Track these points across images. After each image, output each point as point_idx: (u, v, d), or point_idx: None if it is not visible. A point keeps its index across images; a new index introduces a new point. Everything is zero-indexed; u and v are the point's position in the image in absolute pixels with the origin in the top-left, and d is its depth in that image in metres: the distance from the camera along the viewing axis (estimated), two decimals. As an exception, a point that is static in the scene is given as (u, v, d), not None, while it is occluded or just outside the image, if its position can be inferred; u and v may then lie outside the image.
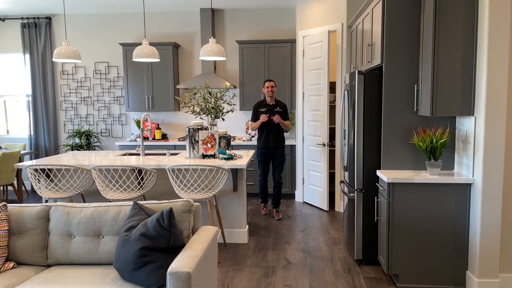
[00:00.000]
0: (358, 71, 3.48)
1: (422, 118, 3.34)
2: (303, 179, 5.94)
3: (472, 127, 3.04)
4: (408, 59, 3.32)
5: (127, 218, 2.46)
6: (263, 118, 4.93)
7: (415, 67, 3.32)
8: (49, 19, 6.72)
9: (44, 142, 6.92)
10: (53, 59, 4.40)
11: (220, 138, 4.32)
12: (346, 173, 4.00)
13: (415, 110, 3.33)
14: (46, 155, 6.92)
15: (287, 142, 6.04)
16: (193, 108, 4.62)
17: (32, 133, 6.91)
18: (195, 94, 4.80)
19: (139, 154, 4.76)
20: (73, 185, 3.92)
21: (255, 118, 5.13)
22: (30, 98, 6.83)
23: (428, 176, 3.13)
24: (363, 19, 4.17)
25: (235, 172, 4.09)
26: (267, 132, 5.06)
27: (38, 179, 3.90)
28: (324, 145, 5.42)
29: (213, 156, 4.23)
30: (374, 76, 3.47)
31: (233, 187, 4.16)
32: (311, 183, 5.79)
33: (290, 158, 6.08)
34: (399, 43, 3.31)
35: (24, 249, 2.54)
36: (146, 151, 4.86)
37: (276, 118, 4.93)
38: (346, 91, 3.87)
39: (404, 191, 3.13)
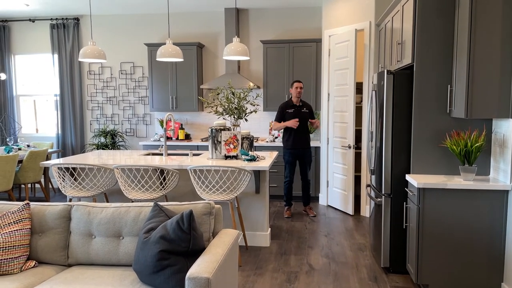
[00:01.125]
0: (387, 71, 3.34)
1: (455, 120, 3.17)
2: (327, 181, 5.80)
3: (510, 130, 2.85)
4: (440, 58, 3.15)
5: (147, 219, 2.42)
6: (293, 124, 4.98)
7: (448, 66, 3.15)
8: (77, 20, 6.84)
9: (71, 141, 7.05)
10: (79, 59, 4.43)
11: (243, 139, 4.25)
12: (373, 176, 3.85)
13: (448, 111, 3.16)
14: (73, 154, 7.04)
15: (311, 144, 5.92)
16: (216, 108, 4.58)
17: (59, 132, 7.04)
18: (218, 94, 4.75)
19: (162, 154, 4.75)
20: (96, 184, 3.93)
21: (280, 118, 5.17)
22: (58, 98, 6.97)
23: (462, 181, 2.96)
24: (392, 17, 4.01)
25: (257, 173, 4.01)
26: (295, 132, 5.11)
27: (62, 177, 3.94)
28: (350, 147, 5.27)
29: (236, 157, 4.16)
30: (404, 75, 3.32)
31: (256, 189, 4.08)
32: (335, 186, 5.64)
33: (315, 160, 5.95)
34: (431, 41, 3.14)
35: (45, 248, 2.54)
36: (169, 151, 4.85)
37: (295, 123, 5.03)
38: (373, 92, 3.73)
39: (435, 197, 2.97)
